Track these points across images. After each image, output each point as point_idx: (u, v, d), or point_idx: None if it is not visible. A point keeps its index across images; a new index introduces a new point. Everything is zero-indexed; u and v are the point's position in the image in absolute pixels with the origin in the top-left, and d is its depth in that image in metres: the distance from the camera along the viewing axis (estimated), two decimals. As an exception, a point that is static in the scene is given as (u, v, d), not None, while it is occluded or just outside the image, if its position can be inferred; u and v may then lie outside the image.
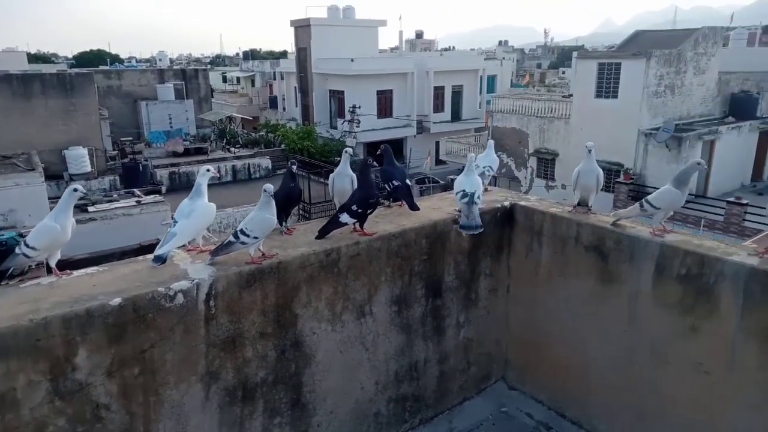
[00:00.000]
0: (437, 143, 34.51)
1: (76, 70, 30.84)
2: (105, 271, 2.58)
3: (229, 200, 17.35)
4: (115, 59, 66.13)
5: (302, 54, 37.27)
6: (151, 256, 2.66)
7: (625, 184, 20.58)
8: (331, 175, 3.40)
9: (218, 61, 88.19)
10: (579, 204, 3.50)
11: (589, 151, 3.29)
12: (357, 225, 3.08)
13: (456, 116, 37.80)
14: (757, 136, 23.01)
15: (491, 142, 3.71)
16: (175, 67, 43.46)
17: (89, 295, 2.30)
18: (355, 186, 3.24)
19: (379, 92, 34.89)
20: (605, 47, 36.72)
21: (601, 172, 3.33)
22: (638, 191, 20.90)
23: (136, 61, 71.41)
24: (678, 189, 2.95)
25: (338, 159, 3.59)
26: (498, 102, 28.28)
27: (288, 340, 2.85)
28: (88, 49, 76.55)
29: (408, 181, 3.51)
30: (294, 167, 3.23)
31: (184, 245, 2.79)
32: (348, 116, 32.21)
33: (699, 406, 2.93)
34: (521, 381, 3.94)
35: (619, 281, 3.20)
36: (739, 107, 23.31)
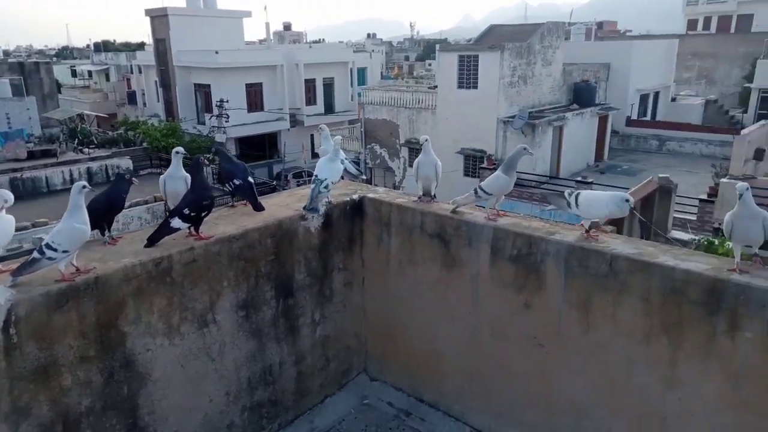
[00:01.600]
0: (312, 136, 34.21)
1: None
2: None
3: (83, 206, 15.79)
4: (-66, 51, 57.12)
5: (161, 46, 34.87)
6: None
7: (489, 169, 21.89)
8: (161, 177, 3.15)
9: (65, 53, 79.71)
10: (423, 194, 3.59)
11: (421, 143, 3.38)
12: (192, 229, 2.89)
13: (329, 109, 37.73)
14: (597, 121, 25.65)
15: (326, 132, 3.69)
16: (11, 60, 38.62)
17: None
18: (191, 187, 3.02)
19: (248, 85, 33.71)
20: (466, 40, 38.73)
21: (439, 162, 3.43)
22: (500, 175, 22.39)
23: (-38, 54, 62.27)
24: (507, 174, 3.12)
25: (207, 155, 3.36)
26: (368, 94, 28.65)
27: (116, 360, 2.59)
28: None
29: (251, 179, 3.35)
30: (134, 180, 2.93)
31: (-23, 267, 2.42)
32: (216, 111, 30.77)
33: (536, 377, 3.15)
34: (382, 371, 3.98)
35: (461, 265, 3.33)
36: (581, 95, 25.77)
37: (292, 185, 27.69)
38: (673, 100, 32.45)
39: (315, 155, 33.38)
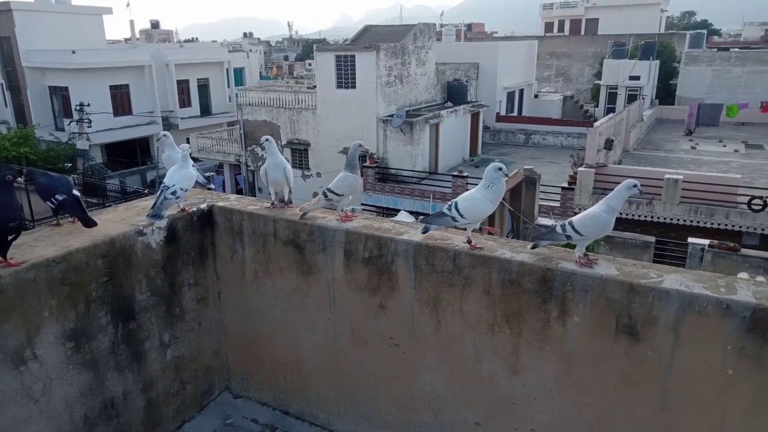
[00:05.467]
0: (188, 140, 32.46)
1: None
2: None
3: None
4: None
5: (5, 45, 31.18)
6: None
7: (372, 167, 22.19)
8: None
9: None
10: (281, 201, 3.46)
11: (261, 144, 3.27)
12: (-2, 255, 2.52)
13: (206, 111, 36.13)
14: (470, 118, 27.01)
15: (170, 140, 3.47)
16: None
17: None
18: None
19: (113, 87, 31.26)
20: (343, 40, 38.92)
21: (288, 165, 3.32)
22: (383, 173, 22.81)
23: None
24: (352, 173, 3.09)
25: (69, 165, 2.93)
26: (247, 95, 27.77)
27: None
28: None
29: (76, 192, 3.01)
30: None
31: None
32: (76, 116, 28.15)
33: (396, 376, 3.15)
34: (246, 387, 3.80)
35: (317, 271, 3.24)
36: (454, 93, 27.00)
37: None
38: (536, 96, 35.09)
39: (193, 159, 31.70)
